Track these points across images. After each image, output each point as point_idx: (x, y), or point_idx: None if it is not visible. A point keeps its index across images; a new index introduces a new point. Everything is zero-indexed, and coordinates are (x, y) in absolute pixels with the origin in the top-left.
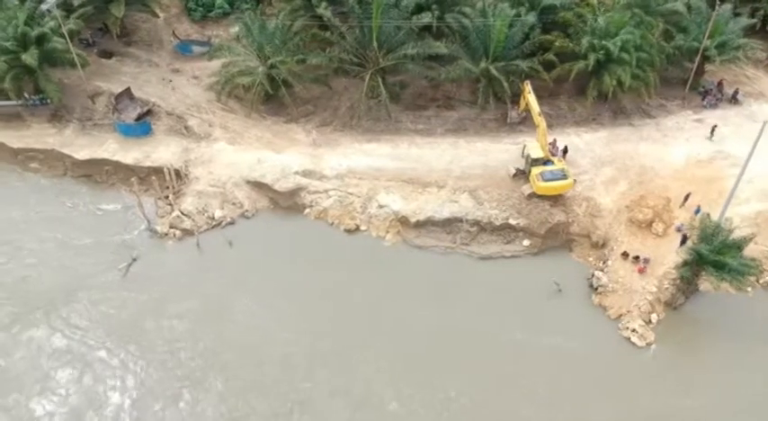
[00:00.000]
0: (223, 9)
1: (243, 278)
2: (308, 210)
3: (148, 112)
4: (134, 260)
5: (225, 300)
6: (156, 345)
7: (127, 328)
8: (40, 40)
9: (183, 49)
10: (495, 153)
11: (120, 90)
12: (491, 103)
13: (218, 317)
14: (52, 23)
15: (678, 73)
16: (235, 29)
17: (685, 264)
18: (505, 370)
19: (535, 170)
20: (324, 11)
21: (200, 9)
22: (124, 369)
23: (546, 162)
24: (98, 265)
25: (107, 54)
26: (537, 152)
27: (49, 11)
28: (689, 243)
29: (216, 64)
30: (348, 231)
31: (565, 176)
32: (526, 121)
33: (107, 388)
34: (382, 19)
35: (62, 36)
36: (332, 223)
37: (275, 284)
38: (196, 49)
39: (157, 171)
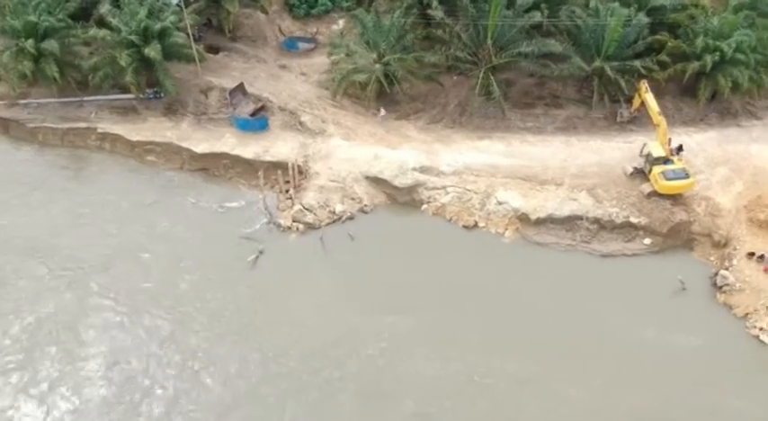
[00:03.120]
0: (325, 6)
1: (367, 272)
2: (425, 206)
3: (262, 108)
4: (261, 253)
5: (352, 294)
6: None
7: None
8: (162, 34)
9: (289, 45)
10: (608, 151)
11: (231, 85)
12: (605, 102)
13: (345, 309)
14: (172, 18)
15: None
16: (337, 26)
17: None
18: (638, 368)
19: (656, 169)
20: (435, 10)
21: (304, 6)
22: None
23: (666, 161)
24: (224, 258)
25: (214, 49)
26: (658, 151)
27: (178, 5)
28: None
29: (321, 61)
30: (466, 227)
31: (687, 175)
32: (635, 120)
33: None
34: (497, 18)
35: (181, 30)
36: (450, 219)
37: (398, 279)
38: (302, 45)
39: (276, 165)
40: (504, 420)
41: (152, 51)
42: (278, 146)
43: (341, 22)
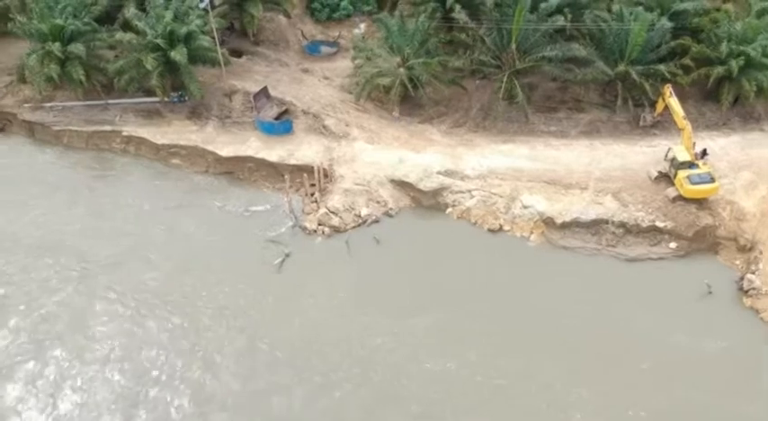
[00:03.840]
0: (347, 11)
1: (393, 275)
2: (450, 210)
3: (286, 111)
4: (287, 255)
5: (378, 297)
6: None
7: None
8: (188, 38)
9: (312, 49)
10: (631, 155)
11: (254, 89)
12: (629, 106)
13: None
14: (198, 22)
15: None
16: (358, 30)
17: None
18: (664, 371)
19: (682, 173)
20: (459, 14)
21: (325, 10)
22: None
23: (691, 165)
24: (250, 261)
25: (236, 53)
26: (683, 155)
27: (205, 9)
28: None
29: (343, 65)
30: (491, 231)
31: (712, 180)
32: (658, 124)
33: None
34: (521, 22)
35: (205, 34)
36: (475, 223)
37: (424, 282)
38: (324, 49)
39: (301, 169)
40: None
41: (178, 55)
42: (302, 149)
43: (362, 26)
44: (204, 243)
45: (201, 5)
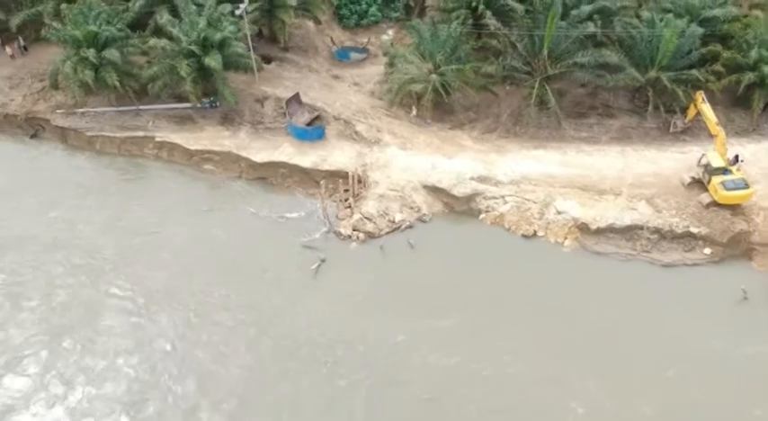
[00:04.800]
0: (375, 17)
1: (428, 280)
2: (483, 215)
3: (318, 117)
4: (323, 261)
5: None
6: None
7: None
8: (222, 44)
9: (342, 55)
10: (663, 161)
11: (285, 95)
12: (661, 112)
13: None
14: (231, 28)
15: None
16: (387, 36)
17: None
18: (700, 377)
19: (716, 179)
20: (490, 20)
21: (354, 17)
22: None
23: (725, 171)
24: (287, 266)
25: (266, 59)
26: (717, 161)
27: (240, 16)
28: None
29: (372, 71)
30: (525, 236)
31: (746, 186)
32: (688, 130)
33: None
34: (553, 28)
35: (240, 40)
36: (509, 228)
37: (461, 287)
38: (354, 55)
39: (334, 174)
40: None
41: (213, 61)
42: (335, 155)
43: (390, 33)
44: (237, 246)
45: (238, 12)
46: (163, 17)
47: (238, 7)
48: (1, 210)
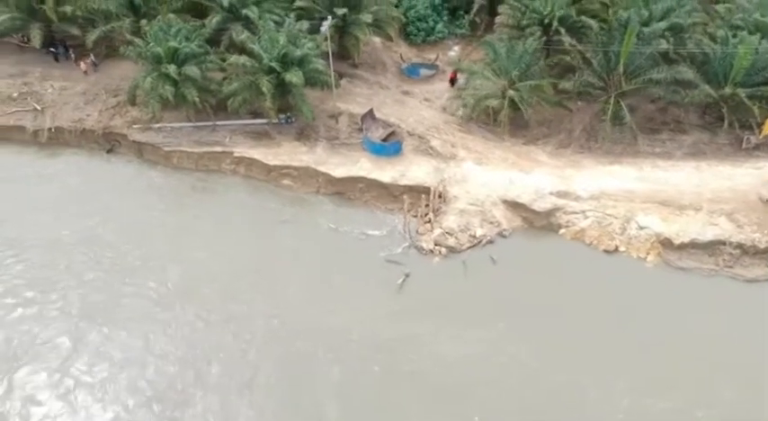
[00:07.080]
0: (442, 34)
1: (514, 295)
2: (563, 231)
3: (393, 133)
4: (407, 276)
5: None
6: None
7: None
8: (301, 61)
9: (411, 71)
10: (739, 177)
11: (359, 111)
12: (735, 127)
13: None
14: (310, 45)
15: None
16: (454, 52)
17: None
18: None
19: None
20: (565, 37)
21: (421, 34)
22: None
23: None
24: (370, 281)
25: (339, 75)
26: None
27: (324, 34)
28: None
29: (441, 87)
30: (607, 252)
31: None
32: (761, 146)
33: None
34: (630, 45)
35: (320, 57)
36: (590, 243)
37: (548, 305)
38: (423, 71)
39: (412, 189)
40: None
41: (294, 77)
42: (413, 170)
43: (456, 49)
44: (319, 260)
45: (323, 29)
46: (241, 34)
47: (322, 25)
48: (71, 219)
